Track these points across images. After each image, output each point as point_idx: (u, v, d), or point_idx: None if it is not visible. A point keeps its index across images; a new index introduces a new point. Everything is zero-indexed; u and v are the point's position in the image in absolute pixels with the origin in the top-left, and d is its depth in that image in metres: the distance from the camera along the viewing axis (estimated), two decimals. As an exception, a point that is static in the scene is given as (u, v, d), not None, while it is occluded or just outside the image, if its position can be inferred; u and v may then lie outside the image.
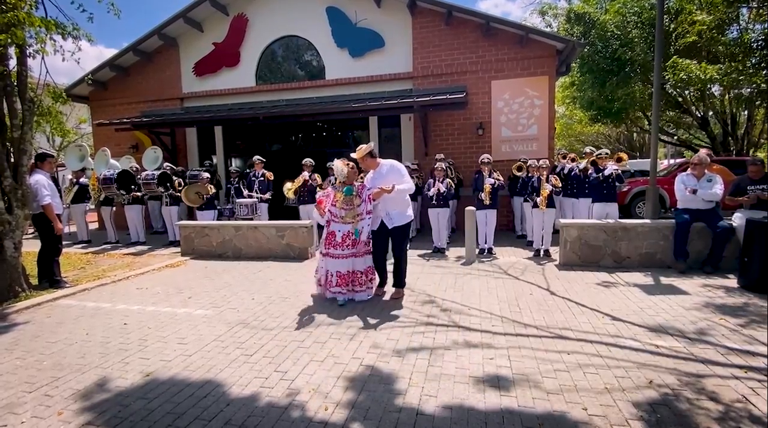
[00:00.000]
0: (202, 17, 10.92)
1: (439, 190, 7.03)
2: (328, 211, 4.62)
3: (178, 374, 3.07)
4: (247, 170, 9.56)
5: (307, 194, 8.15)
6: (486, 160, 7.11)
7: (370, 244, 4.73)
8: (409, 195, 7.27)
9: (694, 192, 5.47)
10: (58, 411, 2.64)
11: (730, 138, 14.99)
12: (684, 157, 21.91)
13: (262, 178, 8.74)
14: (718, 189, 5.44)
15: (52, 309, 4.74)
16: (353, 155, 4.63)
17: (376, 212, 4.67)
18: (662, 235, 5.81)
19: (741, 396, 2.59)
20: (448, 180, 7.20)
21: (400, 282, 4.86)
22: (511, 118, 9.40)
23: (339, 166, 4.58)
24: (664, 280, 5.19)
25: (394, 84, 9.98)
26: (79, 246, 9.02)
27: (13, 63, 5.01)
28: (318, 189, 8.22)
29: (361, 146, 4.60)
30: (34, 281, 5.51)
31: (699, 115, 15.31)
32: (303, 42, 10.64)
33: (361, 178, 5.02)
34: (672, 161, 19.46)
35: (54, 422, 2.52)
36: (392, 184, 4.39)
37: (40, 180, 5.29)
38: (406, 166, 7.85)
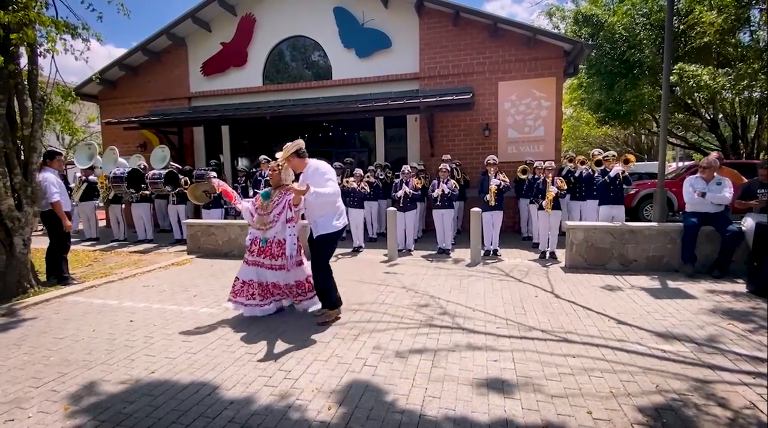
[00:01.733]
0: (211, 17, 10.99)
1: (443, 191, 7.01)
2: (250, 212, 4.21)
3: (182, 371, 3.09)
4: (254, 169, 9.60)
5: (312, 194, 8.16)
6: (492, 161, 7.09)
7: (288, 258, 4.07)
8: (414, 195, 7.39)
9: (703, 195, 5.41)
10: (64, 406, 2.66)
11: (740, 141, 14.82)
12: (693, 159, 21.69)
13: (268, 178, 8.75)
14: (727, 192, 5.38)
15: (59, 306, 4.78)
16: (277, 155, 4.01)
17: (299, 219, 4.13)
18: (670, 238, 5.75)
19: (749, 403, 2.56)
20: (452, 181, 7.18)
21: (323, 301, 4.10)
22: (517, 120, 9.36)
23: (271, 166, 4.16)
24: (671, 284, 5.14)
25: (401, 84, 9.97)
26: (87, 243, 9.10)
27: (24, 62, 5.08)
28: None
29: (287, 144, 3.90)
30: (43, 277, 5.57)
31: (709, 118, 15.15)
32: (310, 42, 10.67)
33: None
34: (680, 164, 19.29)
35: (60, 417, 2.54)
36: (306, 184, 3.70)
37: (49, 177, 5.35)
38: (412, 167, 7.86)
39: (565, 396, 2.65)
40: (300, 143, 3.91)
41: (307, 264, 4.28)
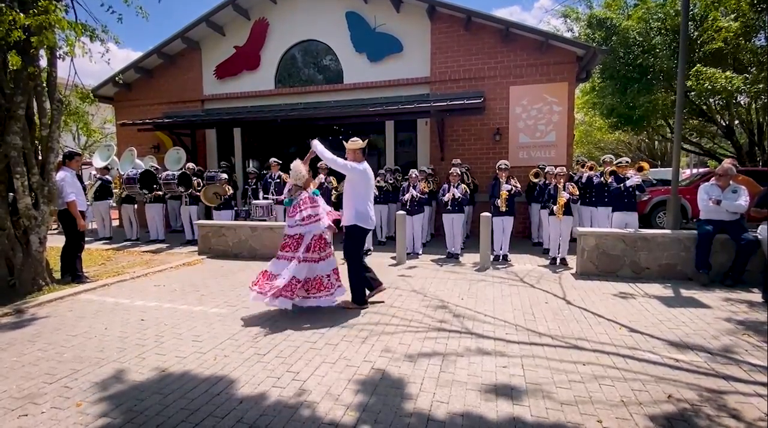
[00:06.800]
0: (225, 21, 11.14)
1: (453, 195, 6.99)
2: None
3: (192, 370, 3.12)
4: (264, 172, 9.68)
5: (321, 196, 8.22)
6: (503, 166, 7.06)
7: (322, 251, 4.46)
8: (422, 199, 7.40)
9: (718, 203, 5.33)
10: (76, 402, 2.70)
11: (756, 148, 14.55)
12: (708, 166, 21.35)
13: (278, 180, 8.84)
14: (743, 200, 5.29)
15: (73, 303, 4.87)
16: (346, 144, 4.70)
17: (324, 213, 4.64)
18: (683, 246, 5.66)
19: (764, 415, 2.50)
20: (463, 185, 7.16)
21: (354, 296, 4.59)
22: (529, 124, 9.31)
23: (299, 168, 4.53)
24: (684, 293, 5.06)
25: (412, 88, 9.99)
26: (101, 242, 9.25)
27: (43, 64, 5.19)
28: (333, 191, 8.28)
29: (357, 139, 4.67)
30: (57, 275, 5.67)
31: (724, 124, 14.91)
32: (322, 46, 10.75)
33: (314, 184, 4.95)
34: (694, 171, 18.99)
35: (72, 413, 2.58)
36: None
37: (65, 177, 5.46)
38: (422, 171, 7.91)
39: (575, 404, 2.62)
40: (364, 144, 4.66)
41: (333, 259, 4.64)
